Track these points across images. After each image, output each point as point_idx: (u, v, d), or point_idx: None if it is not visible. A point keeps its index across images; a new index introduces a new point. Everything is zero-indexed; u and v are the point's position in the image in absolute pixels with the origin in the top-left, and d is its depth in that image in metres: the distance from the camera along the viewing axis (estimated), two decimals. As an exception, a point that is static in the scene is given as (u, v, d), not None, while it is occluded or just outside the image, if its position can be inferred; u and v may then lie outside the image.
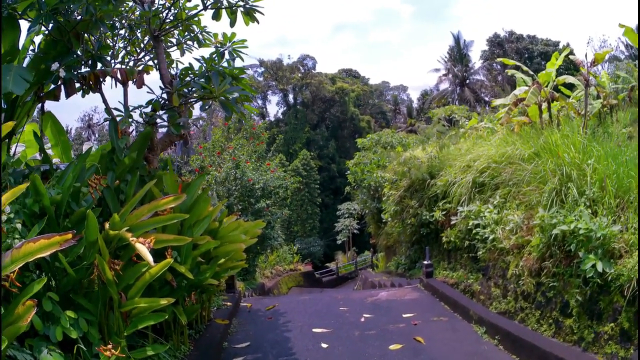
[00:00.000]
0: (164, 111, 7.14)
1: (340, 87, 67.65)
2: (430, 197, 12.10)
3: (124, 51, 8.44)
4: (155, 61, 7.85)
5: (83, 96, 7.30)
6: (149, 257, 4.33)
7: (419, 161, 13.46)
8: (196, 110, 8.47)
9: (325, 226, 55.32)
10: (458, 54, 61.00)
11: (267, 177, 16.72)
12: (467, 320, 7.91)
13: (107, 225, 4.64)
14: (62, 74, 6.36)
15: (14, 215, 4.41)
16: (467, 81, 60.05)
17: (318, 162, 59.78)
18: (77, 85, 7.09)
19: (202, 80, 6.94)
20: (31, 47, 6.84)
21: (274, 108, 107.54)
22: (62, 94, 7.20)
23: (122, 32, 8.13)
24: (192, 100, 7.19)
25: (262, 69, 67.21)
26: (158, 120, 7.11)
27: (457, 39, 61.67)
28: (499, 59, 13.98)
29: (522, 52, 51.63)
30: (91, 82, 7.15)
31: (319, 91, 65.94)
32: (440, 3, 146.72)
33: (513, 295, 7.22)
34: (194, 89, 6.89)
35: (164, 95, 7.35)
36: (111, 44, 8.03)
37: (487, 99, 53.15)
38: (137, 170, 6.45)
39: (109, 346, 4.15)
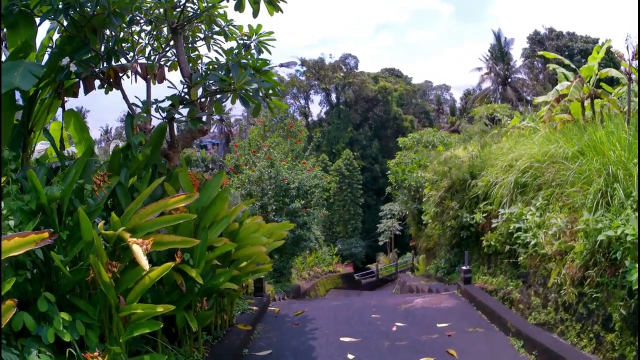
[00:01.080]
0: (182, 106, 6.82)
1: (382, 86, 66.88)
2: (471, 198, 11.72)
3: (149, 47, 8.32)
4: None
5: (106, 93, 7.26)
6: (143, 260, 4.04)
7: (459, 160, 13.05)
8: (237, 110, 8.23)
9: (368, 227, 54.70)
10: (499, 52, 59.69)
11: (303, 176, 16.29)
12: (504, 332, 7.35)
13: (100, 225, 4.28)
14: (72, 68, 6.17)
15: (6, 211, 4.22)
16: (509, 80, 58.66)
17: (361, 162, 59.24)
18: (98, 82, 7.03)
19: (222, 72, 6.58)
20: (50, 45, 6.74)
21: (316, 108, 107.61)
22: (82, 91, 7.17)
23: (146, 27, 7.98)
24: (211, 93, 6.83)
25: (304, 69, 66.98)
26: (177, 116, 6.80)
27: (497, 37, 60.33)
28: (540, 53, 13.51)
29: (562, 50, 50.10)
30: (110, 78, 7.00)
31: (362, 90, 65.32)
32: (479, 2, 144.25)
33: (553, 305, 6.71)
34: (212, 82, 6.53)
35: (185, 90, 7.09)
36: (134, 39, 7.87)
37: (529, 97, 51.97)
38: (151, 167, 6.18)
39: (95, 353, 3.87)
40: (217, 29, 7.90)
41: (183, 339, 5.84)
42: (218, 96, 6.91)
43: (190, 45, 8.40)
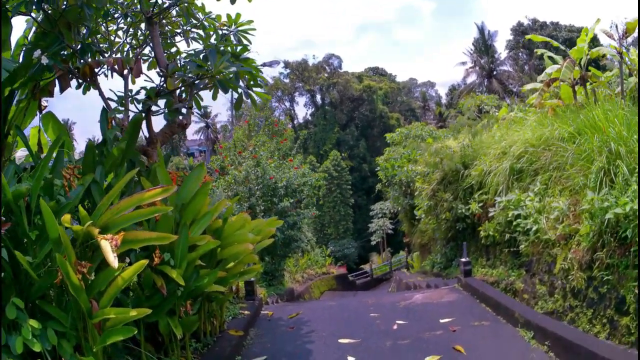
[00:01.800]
0: (160, 98, 6.44)
1: (367, 85, 66.62)
2: (465, 188, 11.48)
3: (127, 45, 8.00)
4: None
5: (84, 92, 6.92)
6: (110, 256, 3.65)
7: (451, 151, 12.78)
8: (223, 116, 7.97)
9: (359, 227, 54.50)
10: (483, 45, 59.74)
11: (290, 174, 15.82)
12: (511, 324, 6.96)
13: (66, 219, 3.82)
14: (44, 61, 5.79)
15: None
16: (494, 72, 58.83)
17: (349, 162, 59.02)
18: (74, 80, 6.68)
19: (200, 58, 6.19)
20: (25, 44, 6.38)
21: (302, 110, 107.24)
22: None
23: (123, 25, 7.69)
24: (189, 82, 6.41)
25: (288, 71, 66.57)
26: (154, 108, 6.41)
27: (481, 30, 60.39)
28: (528, 37, 13.42)
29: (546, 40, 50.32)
30: (86, 76, 6.63)
31: (347, 90, 65.02)
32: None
33: (561, 292, 6.39)
34: (189, 69, 6.13)
35: (163, 82, 6.72)
36: (110, 37, 7.65)
37: (514, 89, 52.01)
38: (128, 164, 5.77)
39: None
40: (195, 22, 7.60)
41: (169, 347, 5.40)
42: (197, 83, 6.46)
43: (169, 41, 8.12)
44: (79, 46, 6.32)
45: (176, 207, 5.54)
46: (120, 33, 7.79)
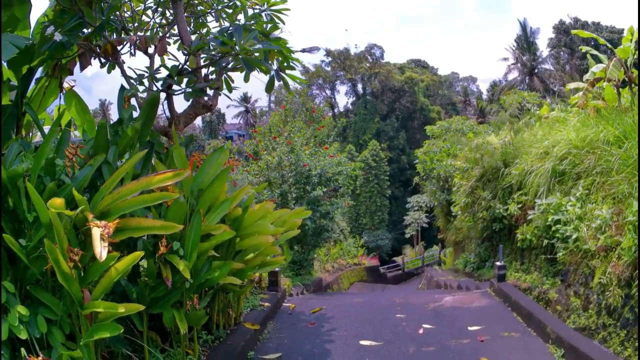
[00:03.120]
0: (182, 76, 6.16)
1: (409, 76, 65.73)
2: (504, 187, 10.95)
3: (155, 23, 7.78)
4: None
5: (109, 72, 6.67)
6: (97, 246, 3.41)
7: (492, 147, 12.20)
8: (263, 101, 7.75)
9: (395, 219, 54.10)
10: (525, 42, 58.51)
11: (325, 162, 15.41)
12: (542, 338, 6.49)
13: (59, 202, 3.55)
14: (57, 37, 5.63)
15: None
16: (536, 70, 57.53)
17: (388, 153, 58.48)
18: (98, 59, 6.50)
19: (226, 36, 5.84)
20: (44, 22, 6.23)
21: (343, 99, 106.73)
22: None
23: (150, 2, 7.44)
24: (215, 61, 6.09)
25: (330, 59, 66.07)
26: (175, 87, 6.13)
27: (523, 27, 59.01)
28: (574, 32, 12.91)
29: (587, 40, 48.49)
30: (108, 54, 6.40)
31: (388, 81, 64.28)
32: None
33: (595, 308, 5.92)
34: (213, 47, 5.80)
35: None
36: (136, 15, 7.42)
37: (555, 89, 50.72)
38: (144, 145, 5.51)
39: (40, 357, 3.35)
40: (227, 1, 7.29)
41: (176, 338, 5.13)
42: (219, 60, 6.13)
43: (200, 21, 7.85)
44: (99, 23, 6.11)
45: (192, 193, 5.26)
46: (150, 12, 7.56)
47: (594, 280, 6.06)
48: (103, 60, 6.48)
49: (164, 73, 6.16)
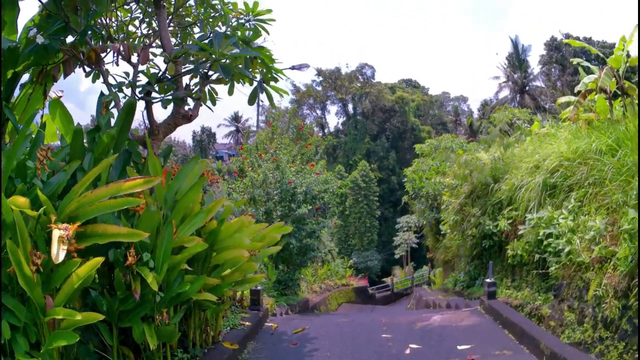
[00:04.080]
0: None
1: (400, 96, 66.08)
2: (494, 203, 10.80)
3: (142, 35, 7.72)
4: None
5: (93, 81, 6.61)
6: (54, 247, 3.25)
7: (481, 163, 12.08)
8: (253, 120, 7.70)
9: (384, 240, 53.95)
10: (516, 59, 59.16)
11: (311, 179, 15.17)
12: (536, 355, 6.21)
13: (22, 202, 3.32)
14: (39, 40, 5.54)
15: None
16: (527, 88, 58.11)
17: (378, 173, 58.57)
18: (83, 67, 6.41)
19: (205, 42, 5.70)
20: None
21: (333, 119, 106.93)
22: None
23: (136, 12, 7.48)
24: (187, 68, 5.93)
25: (321, 79, 66.31)
26: (154, 94, 5.98)
27: (515, 44, 59.74)
28: (566, 41, 12.92)
29: (579, 55, 49.62)
30: (91, 61, 6.29)
31: (379, 101, 64.57)
32: (496, 12, 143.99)
33: (591, 321, 5.74)
34: (191, 53, 5.64)
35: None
36: (123, 25, 7.49)
37: (546, 106, 51.27)
38: (120, 152, 5.29)
39: None
40: (212, 12, 7.37)
41: (149, 355, 4.82)
42: (196, 66, 5.95)
43: (187, 31, 7.90)
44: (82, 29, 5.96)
45: (166, 203, 5.01)
46: (137, 23, 7.54)
47: (589, 293, 5.87)
48: (87, 68, 6.39)
49: (144, 81, 6.00)
